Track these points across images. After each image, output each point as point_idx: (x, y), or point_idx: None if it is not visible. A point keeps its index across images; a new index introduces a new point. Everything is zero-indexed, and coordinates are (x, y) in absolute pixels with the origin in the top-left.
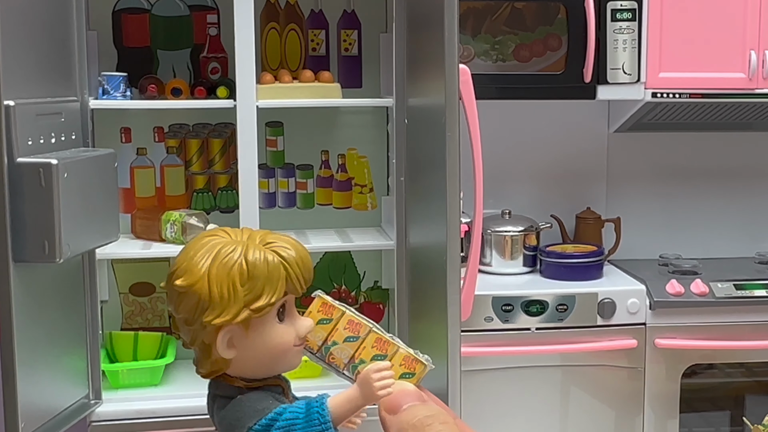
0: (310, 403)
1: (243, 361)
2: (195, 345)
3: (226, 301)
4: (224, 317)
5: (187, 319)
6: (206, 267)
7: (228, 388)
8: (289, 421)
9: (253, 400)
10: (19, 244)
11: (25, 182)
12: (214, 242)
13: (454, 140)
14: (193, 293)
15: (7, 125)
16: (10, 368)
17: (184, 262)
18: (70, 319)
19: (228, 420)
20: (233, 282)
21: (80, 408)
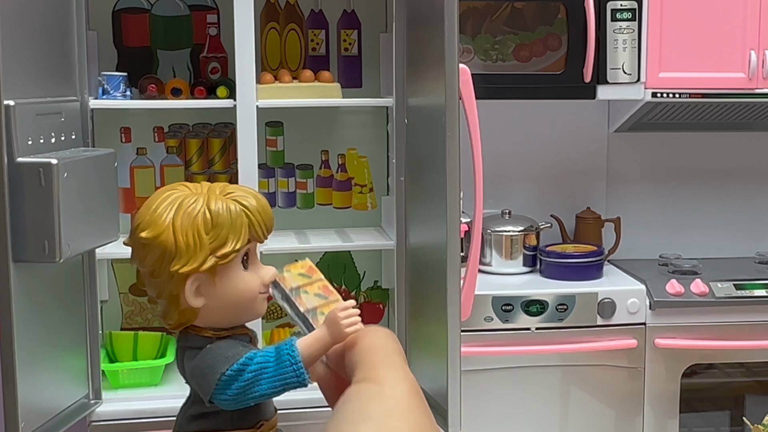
0: (279, 346)
1: (211, 309)
2: (162, 297)
3: (192, 249)
4: (191, 265)
5: (153, 271)
6: (170, 218)
7: (197, 339)
8: (260, 364)
9: (223, 348)
10: (19, 244)
11: (25, 182)
12: (176, 195)
13: (454, 140)
14: (158, 244)
15: (7, 125)
16: (10, 368)
17: (147, 215)
18: (70, 318)
19: (200, 368)
20: (198, 230)
21: (80, 408)
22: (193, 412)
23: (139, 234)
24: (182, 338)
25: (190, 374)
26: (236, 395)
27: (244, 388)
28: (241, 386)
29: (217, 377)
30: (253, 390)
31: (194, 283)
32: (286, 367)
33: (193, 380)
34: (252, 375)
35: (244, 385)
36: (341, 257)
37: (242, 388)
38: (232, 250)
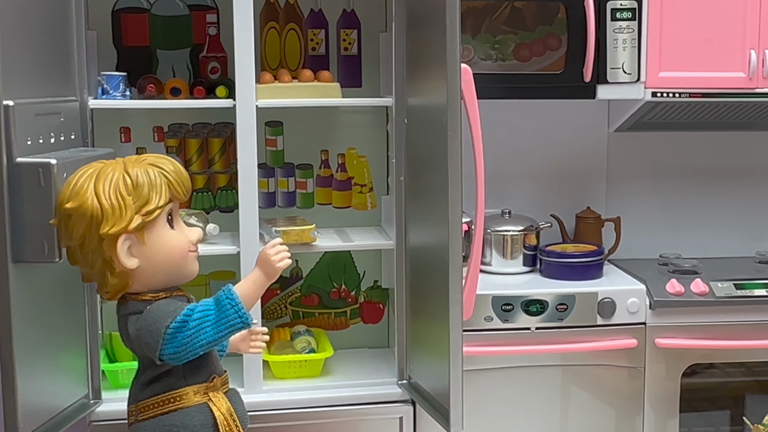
0: (218, 295)
1: (145, 270)
2: (95, 267)
3: (118, 210)
4: (119, 225)
5: (83, 241)
6: (92, 186)
7: (137, 304)
8: (202, 312)
9: (163, 305)
10: (19, 245)
11: (24, 182)
12: (93, 169)
13: (456, 140)
14: (84, 211)
15: (6, 125)
16: (9, 368)
17: (68, 190)
18: (69, 318)
19: (145, 327)
20: (120, 193)
21: (80, 408)
22: (144, 379)
23: (64, 206)
24: (122, 307)
25: (135, 337)
26: (184, 345)
27: (191, 336)
28: (187, 335)
29: (162, 332)
30: (199, 338)
31: (125, 243)
32: (227, 311)
33: (138, 342)
34: (196, 323)
35: (190, 334)
36: (341, 257)
37: (188, 337)
38: (156, 206)
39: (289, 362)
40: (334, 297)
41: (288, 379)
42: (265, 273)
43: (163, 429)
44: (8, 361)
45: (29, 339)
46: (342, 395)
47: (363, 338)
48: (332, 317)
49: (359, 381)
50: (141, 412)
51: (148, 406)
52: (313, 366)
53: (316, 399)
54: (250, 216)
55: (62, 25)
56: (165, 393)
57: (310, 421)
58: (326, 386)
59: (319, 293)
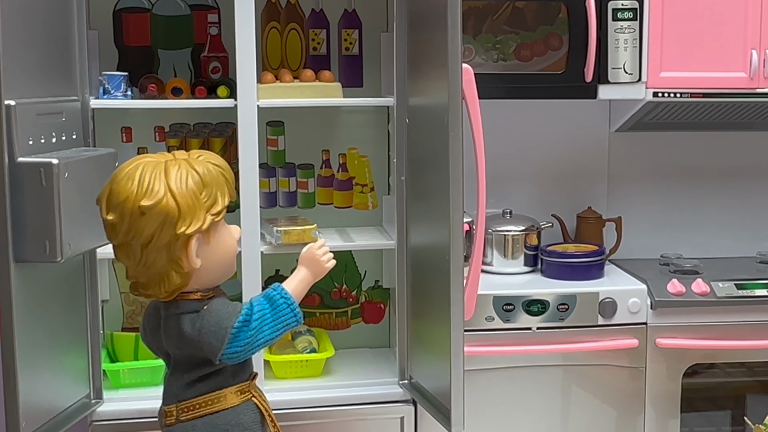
0: (268, 294)
1: (205, 270)
2: (155, 267)
3: (193, 210)
4: (195, 225)
5: (150, 240)
6: (164, 184)
7: (192, 304)
8: (260, 312)
9: (220, 305)
10: (20, 244)
11: (25, 182)
12: (153, 163)
13: (457, 140)
14: (159, 210)
15: (7, 125)
16: (11, 368)
17: (135, 187)
18: (71, 318)
19: (206, 327)
20: (193, 192)
21: (81, 407)
22: (189, 378)
23: (139, 204)
24: (173, 306)
25: (194, 336)
26: (245, 345)
27: (251, 336)
28: (249, 335)
29: (227, 331)
30: (258, 337)
31: (196, 244)
32: (284, 310)
33: (197, 342)
34: (257, 323)
35: (251, 334)
36: (342, 257)
37: (249, 336)
38: (223, 206)
39: (290, 362)
40: (335, 297)
41: (289, 379)
42: (313, 272)
43: (217, 428)
44: (9, 360)
45: (31, 338)
46: (343, 395)
47: (364, 338)
48: (333, 317)
49: (360, 381)
50: (184, 412)
51: (194, 405)
52: (314, 366)
53: (317, 399)
54: (251, 216)
55: (64, 24)
56: (213, 392)
57: (311, 420)
58: (327, 386)
59: (320, 293)
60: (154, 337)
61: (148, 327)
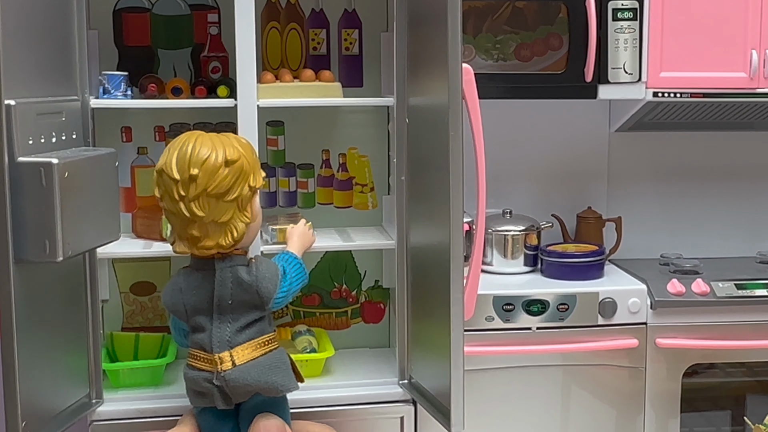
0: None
1: (252, 227)
2: (224, 217)
3: (256, 168)
4: (259, 181)
5: (226, 191)
6: (235, 146)
7: (241, 258)
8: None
9: (264, 260)
10: (20, 244)
11: (25, 182)
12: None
13: (457, 139)
14: (239, 165)
15: (7, 124)
16: (11, 367)
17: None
18: (70, 318)
19: (262, 275)
20: (253, 152)
21: (81, 407)
22: (238, 325)
23: (227, 157)
24: (227, 260)
25: (253, 283)
26: (287, 292)
27: (289, 285)
28: (288, 283)
29: (280, 278)
30: (293, 287)
31: (256, 197)
32: (299, 268)
33: (255, 288)
34: (293, 273)
35: (289, 282)
36: (342, 256)
37: (288, 285)
38: (262, 173)
39: None
40: (335, 297)
41: None
42: (302, 243)
43: (272, 367)
44: (10, 360)
45: (31, 338)
46: (343, 395)
47: (364, 338)
48: (333, 317)
49: (360, 381)
50: (238, 356)
51: (246, 349)
52: (314, 366)
53: (317, 399)
54: None
55: (63, 24)
56: (260, 337)
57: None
58: (327, 386)
59: (320, 293)
60: (197, 295)
61: (187, 286)
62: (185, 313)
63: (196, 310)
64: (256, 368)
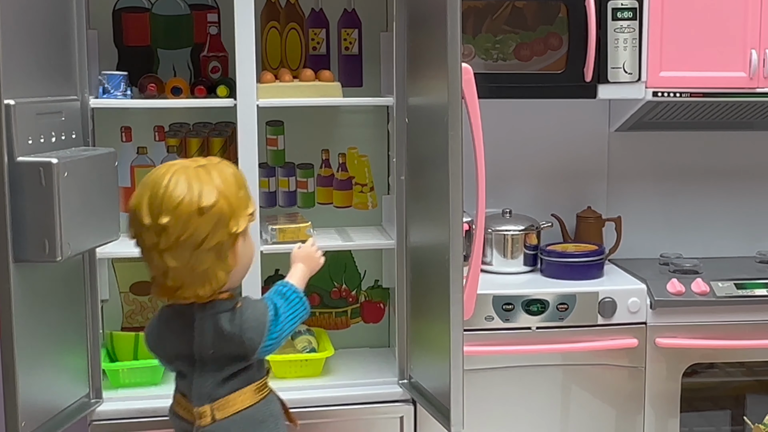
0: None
1: (239, 269)
2: (200, 268)
3: (239, 209)
4: (243, 224)
5: (204, 240)
6: (214, 185)
7: (225, 303)
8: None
9: (251, 303)
10: (20, 244)
11: (25, 181)
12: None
13: (456, 139)
14: (216, 211)
15: (7, 124)
16: (10, 367)
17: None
18: (70, 318)
19: (246, 323)
20: (237, 191)
21: (81, 407)
22: (221, 377)
23: (199, 205)
24: (208, 307)
25: (235, 333)
26: (277, 337)
27: (281, 329)
28: (279, 328)
29: (266, 326)
30: (285, 329)
31: (239, 242)
32: (296, 304)
33: (239, 338)
34: (284, 316)
35: (281, 327)
36: (342, 256)
37: (280, 330)
38: (254, 207)
39: (289, 362)
40: (334, 296)
41: (288, 379)
42: (310, 268)
43: (256, 422)
44: (9, 360)
45: (30, 338)
46: (343, 395)
47: (364, 338)
48: (333, 317)
49: (360, 380)
50: (219, 410)
51: (230, 402)
52: (314, 365)
53: (317, 398)
54: None
55: (63, 24)
56: (247, 386)
57: (311, 420)
58: (327, 386)
59: (320, 293)
60: (178, 341)
61: (167, 332)
62: (166, 358)
63: (177, 356)
64: (239, 423)
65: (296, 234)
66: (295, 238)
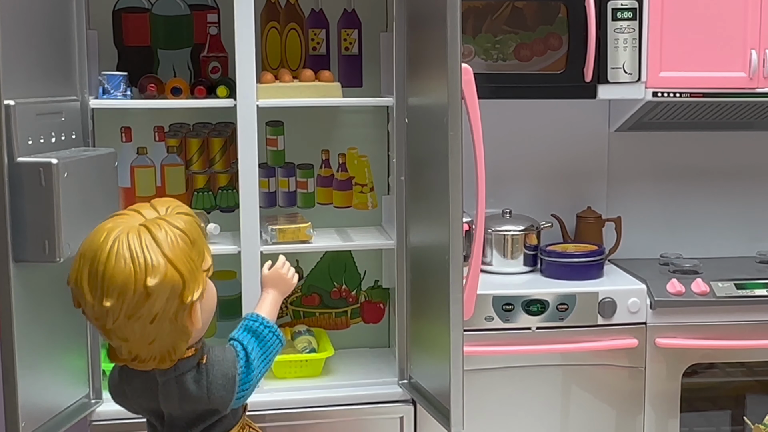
0: (248, 326)
1: (202, 327)
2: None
3: (194, 273)
4: (199, 289)
5: (156, 315)
6: (160, 253)
7: (188, 362)
8: (254, 349)
9: (218, 355)
10: (20, 244)
11: (25, 182)
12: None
13: (456, 139)
14: (166, 284)
15: (7, 125)
16: (10, 368)
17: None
18: (70, 318)
19: (214, 382)
20: (188, 254)
21: (81, 407)
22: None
23: (144, 284)
24: (170, 370)
25: (203, 393)
26: (251, 386)
27: (254, 376)
28: (252, 376)
29: (235, 381)
30: (259, 375)
31: (196, 306)
32: (270, 339)
33: (207, 399)
34: (256, 362)
35: (253, 375)
36: (342, 256)
37: (253, 377)
38: (210, 260)
39: (289, 362)
40: (334, 297)
41: (288, 379)
42: (281, 291)
43: None
44: (9, 360)
45: (30, 338)
46: (342, 395)
47: (364, 338)
48: (333, 317)
49: (360, 381)
50: None
51: None
52: (314, 366)
53: (317, 399)
54: (250, 216)
55: (63, 24)
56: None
57: (311, 420)
58: (327, 386)
59: (320, 293)
60: (142, 399)
61: (129, 390)
62: (133, 411)
63: (145, 410)
64: None
65: (296, 234)
66: (295, 238)
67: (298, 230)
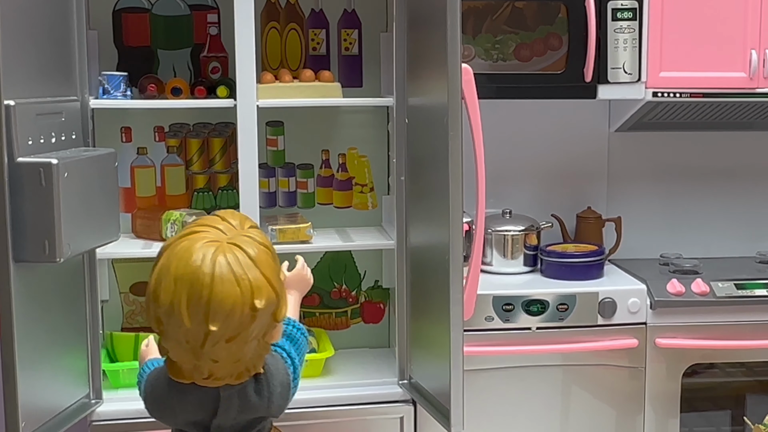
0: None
1: None
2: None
3: (283, 289)
4: (287, 305)
5: (255, 334)
6: (259, 272)
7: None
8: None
9: (272, 364)
10: (20, 244)
11: (25, 182)
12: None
13: (456, 139)
14: (268, 302)
15: (7, 125)
16: (10, 368)
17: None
18: (70, 318)
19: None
20: (276, 270)
21: (81, 408)
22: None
23: (253, 306)
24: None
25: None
26: (296, 389)
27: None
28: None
29: (291, 387)
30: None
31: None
32: (302, 341)
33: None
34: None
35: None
36: (342, 257)
37: (297, 379)
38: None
39: None
40: (334, 297)
41: None
42: (302, 291)
43: None
44: (9, 360)
45: (30, 339)
46: (343, 395)
47: (364, 338)
48: (333, 317)
49: (360, 381)
50: None
51: None
52: (314, 366)
53: (317, 399)
54: (251, 216)
55: (63, 25)
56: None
57: (311, 420)
58: (327, 386)
59: (320, 293)
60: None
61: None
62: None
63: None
64: None
65: (296, 234)
66: (295, 238)
67: (298, 230)
